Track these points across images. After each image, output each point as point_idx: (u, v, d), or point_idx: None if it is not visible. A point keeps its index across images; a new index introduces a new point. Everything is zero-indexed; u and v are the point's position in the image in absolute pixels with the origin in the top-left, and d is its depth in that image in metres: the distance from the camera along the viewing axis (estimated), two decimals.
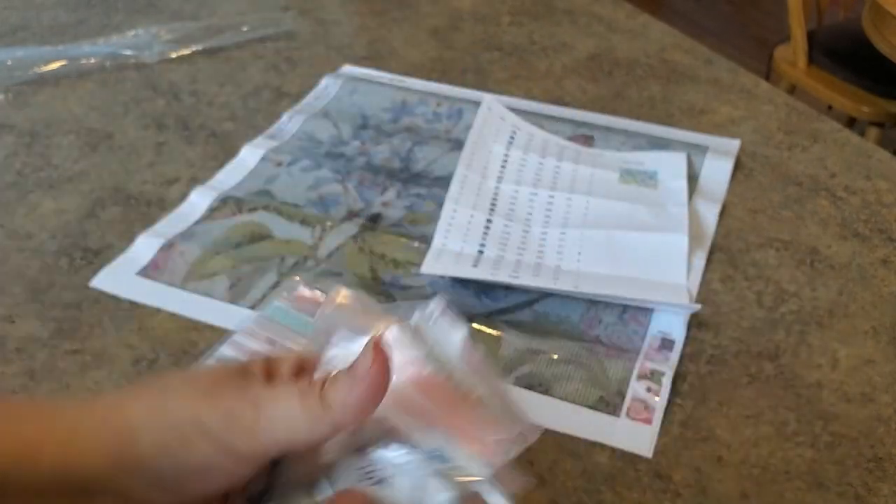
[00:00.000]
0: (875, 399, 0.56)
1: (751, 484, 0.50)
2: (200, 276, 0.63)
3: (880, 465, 0.51)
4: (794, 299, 0.63)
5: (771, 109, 0.83)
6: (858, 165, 0.76)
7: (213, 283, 0.62)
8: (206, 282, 0.62)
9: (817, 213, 0.71)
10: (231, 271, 0.63)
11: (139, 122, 0.80)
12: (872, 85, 1.71)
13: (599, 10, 1.00)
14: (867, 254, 0.67)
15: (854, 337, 0.60)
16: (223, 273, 0.63)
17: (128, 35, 0.90)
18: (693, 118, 0.82)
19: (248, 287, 0.62)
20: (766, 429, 0.53)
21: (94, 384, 0.56)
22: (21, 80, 0.85)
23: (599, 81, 0.87)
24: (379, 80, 0.85)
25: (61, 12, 0.97)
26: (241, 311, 0.59)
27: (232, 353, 0.51)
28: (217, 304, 0.61)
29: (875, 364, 0.58)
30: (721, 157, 0.76)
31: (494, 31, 0.96)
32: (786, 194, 0.73)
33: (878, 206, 0.72)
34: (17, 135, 0.78)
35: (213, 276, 0.63)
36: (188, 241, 0.65)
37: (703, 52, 0.92)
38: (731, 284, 0.64)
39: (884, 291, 0.64)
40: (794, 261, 0.66)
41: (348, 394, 0.29)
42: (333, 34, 0.95)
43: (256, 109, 0.82)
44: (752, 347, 0.59)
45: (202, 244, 0.65)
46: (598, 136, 0.78)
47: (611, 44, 0.94)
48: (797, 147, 0.78)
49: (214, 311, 0.60)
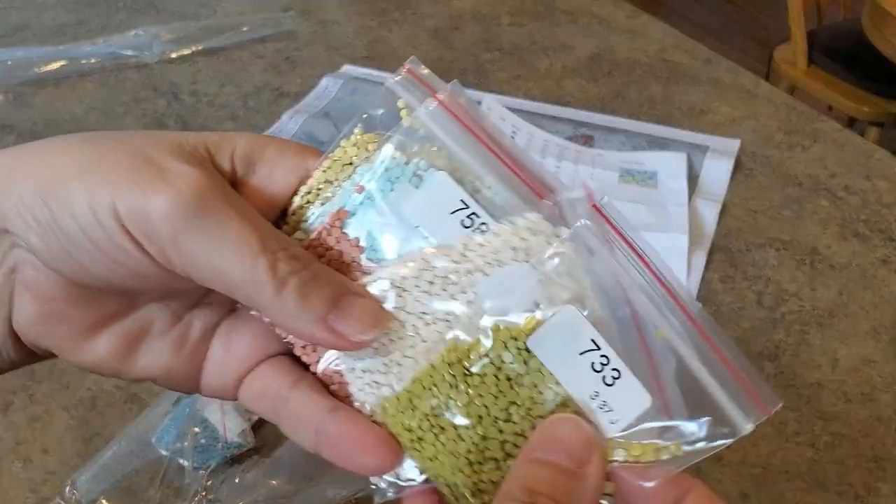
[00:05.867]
0: (875, 399, 0.56)
1: (751, 484, 0.50)
2: None
3: (880, 465, 0.51)
4: (794, 299, 0.63)
5: (771, 109, 0.83)
6: (858, 165, 0.76)
7: None
8: None
9: (817, 213, 0.71)
10: None
11: (139, 122, 0.80)
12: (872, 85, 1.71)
13: (599, 10, 1.00)
14: (867, 254, 0.67)
15: (854, 337, 0.60)
16: None
17: (128, 35, 0.90)
18: (693, 118, 0.82)
19: None
20: (766, 429, 0.53)
21: (94, 384, 0.56)
22: (21, 80, 0.85)
23: (599, 81, 0.87)
24: (379, 80, 0.85)
25: (61, 12, 0.97)
26: None
27: None
28: None
29: (875, 364, 0.58)
30: (721, 157, 0.76)
31: (494, 31, 0.96)
32: (786, 194, 0.73)
33: (879, 206, 0.72)
34: (17, 135, 0.78)
35: None
36: None
37: (703, 52, 0.92)
38: (731, 284, 0.64)
39: (884, 291, 0.64)
40: (794, 261, 0.66)
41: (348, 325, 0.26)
42: (333, 34, 0.95)
43: (256, 109, 0.82)
44: (752, 347, 0.59)
45: None
46: (598, 136, 0.78)
47: (611, 44, 0.94)
48: (797, 147, 0.78)
49: None
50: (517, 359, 0.26)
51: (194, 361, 0.30)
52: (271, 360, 0.30)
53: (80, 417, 0.54)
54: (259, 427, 0.52)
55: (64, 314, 0.28)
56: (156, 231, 0.25)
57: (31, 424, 0.54)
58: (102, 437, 0.53)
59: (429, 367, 0.27)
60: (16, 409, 0.55)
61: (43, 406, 0.55)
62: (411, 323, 0.27)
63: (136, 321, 0.29)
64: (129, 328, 0.29)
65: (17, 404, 0.55)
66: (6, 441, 0.53)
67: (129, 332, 0.29)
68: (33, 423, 0.54)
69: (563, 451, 0.25)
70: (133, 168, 0.26)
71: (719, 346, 0.26)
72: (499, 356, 0.26)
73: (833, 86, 1.74)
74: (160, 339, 0.29)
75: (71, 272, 0.27)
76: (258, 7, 0.99)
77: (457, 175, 0.28)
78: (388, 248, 0.28)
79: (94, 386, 0.56)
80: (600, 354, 0.26)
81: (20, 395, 0.55)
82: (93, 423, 0.54)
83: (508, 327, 0.26)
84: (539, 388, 0.26)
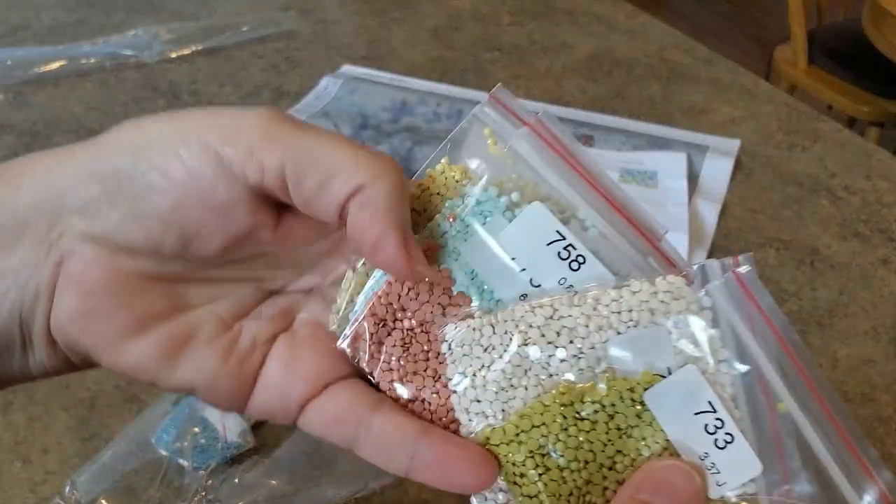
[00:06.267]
0: (875, 399, 0.56)
1: None
2: None
3: None
4: (794, 299, 0.63)
5: (771, 109, 0.83)
6: (858, 165, 0.76)
7: None
8: None
9: (817, 213, 0.71)
10: None
11: None
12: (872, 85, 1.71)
13: (599, 10, 1.00)
14: (867, 254, 0.67)
15: (854, 337, 0.60)
16: None
17: (128, 35, 0.90)
18: (693, 118, 0.82)
19: None
20: None
21: (94, 384, 0.56)
22: (21, 80, 0.85)
23: (599, 81, 0.87)
24: (379, 80, 0.85)
25: (61, 12, 0.97)
26: None
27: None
28: None
29: (875, 364, 0.58)
30: (721, 156, 0.76)
31: (494, 31, 0.96)
32: (786, 194, 0.73)
33: (879, 206, 0.72)
34: (17, 135, 0.78)
35: None
36: None
37: (703, 52, 0.92)
38: None
39: (884, 291, 0.64)
40: (794, 261, 0.66)
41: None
42: (333, 34, 0.95)
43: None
44: None
45: None
46: (598, 136, 0.78)
47: (611, 44, 0.94)
48: (797, 147, 0.78)
49: None
50: (630, 410, 0.26)
51: (242, 374, 0.28)
52: (343, 382, 0.29)
53: (79, 417, 0.54)
54: (259, 427, 0.52)
55: (107, 311, 0.27)
56: (245, 133, 0.26)
57: (31, 424, 0.54)
58: (102, 437, 0.53)
59: (539, 405, 0.27)
60: (15, 408, 0.55)
61: (42, 406, 0.55)
62: (527, 368, 0.27)
63: (183, 324, 0.28)
64: (175, 331, 0.28)
65: (16, 404, 0.55)
66: (6, 441, 0.53)
67: (173, 335, 0.28)
68: (33, 422, 0.54)
69: (672, 498, 0.25)
70: (211, 115, 0.27)
71: (843, 428, 0.26)
72: (613, 405, 0.26)
73: (833, 86, 1.74)
74: (206, 345, 0.28)
75: (146, 235, 0.26)
76: (258, 7, 0.99)
77: (551, 206, 0.27)
78: (485, 281, 0.28)
79: (94, 386, 0.56)
80: (715, 417, 0.26)
81: (20, 395, 0.55)
82: (92, 423, 0.54)
83: (626, 377, 0.26)
84: (647, 441, 0.26)
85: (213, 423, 0.51)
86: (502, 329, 0.27)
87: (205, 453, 0.50)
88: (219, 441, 0.51)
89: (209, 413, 0.51)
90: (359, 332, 0.29)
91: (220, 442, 0.50)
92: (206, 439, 0.51)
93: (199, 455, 0.50)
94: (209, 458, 0.50)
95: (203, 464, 0.50)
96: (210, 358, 0.28)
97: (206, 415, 0.51)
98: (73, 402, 0.55)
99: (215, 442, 0.51)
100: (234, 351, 0.28)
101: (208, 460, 0.50)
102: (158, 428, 0.52)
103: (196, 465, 0.50)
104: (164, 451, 0.51)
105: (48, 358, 0.28)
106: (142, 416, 0.53)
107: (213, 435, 0.51)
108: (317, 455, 0.50)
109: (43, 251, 0.26)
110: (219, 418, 0.51)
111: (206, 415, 0.51)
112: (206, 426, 0.51)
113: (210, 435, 0.51)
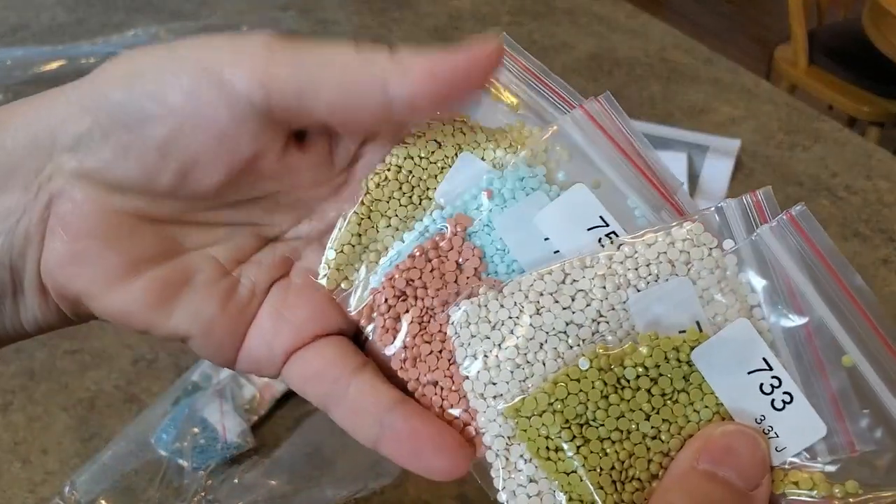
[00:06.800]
0: None
1: None
2: None
3: None
4: None
5: (771, 109, 0.83)
6: (859, 165, 0.76)
7: None
8: None
9: (818, 213, 0.71)
10: None
11: None
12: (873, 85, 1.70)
13: (599, 10, 1.00)
14: (868, 254, 0.67)
15: None
16: None
17: (127, 35, 0.90)
18: (693, 118, 0.82)
19: None
20: None
21: (93, 384, 0.56)
22: (21, 80, 0.85)
23: (599, 81, 0.87)
24: None
25: (60, 12, 0.97)
26: None
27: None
28: None
29: None
30: (721, 156, 0.76)
31: (494, 30, 0.96)
32: (786, 194, 0.73)
33: (879, 205, 0.72)
34: None
35: None
36: None
37: (703, 52, 0.92)
38: None
39: (884, 291, 0.64)
40: None
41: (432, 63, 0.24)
42: (333, 33, 0.94)
43: None
44: None
45: None
46: None
47: (611, 43, 0.94)
48: (798, 147, 0.78)
49: None
50: (676, 372, 0.24)
51: (240, 322, 0.27)
52: (330, 338, 0.27)
53: (79, 417, 0.54)
54: (258, 427, 0.52)
55: (98, 253, 0.25)
56: (248, 53, 0.24)
57: (31, 424, 0.54)
58: (101, 437, 0.53)
59: (574, 369, 0.24)
60: (15, 409, 0.55)
61: (42, 406, 0.55)
62: (542, 341, 0.25)
63: (178, 267, 0.26)
64: (169, 274, 0.26)
65: (16, 404, 0.55)
66: (5, 441, 0.53)
67: (168, 278, 0.26)
68: (32, 423, 0.54)
69: (737, 468, 0.23)
70: (207, 40, 0.25)
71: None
72: (657, 366, 0.24)
73: (833, 85, 1.74)
74: (203, 289, 0.26)
75: (141, 168, 0.25)
76: (258, 7, 0.99)
77: (598, 189, 0.26)
78: (514, 257, 0.27)
79: (94, 386, 0.56)
80: (772, 375, 0.24)
81: (19, 395, 0.55)
82: (92, 424, 0.54)
83: (670, 337, 0.24)
84: (696, 405, 0.24)
85: (213, 423, 0.51)
86: (510, 302, 0.25)
87: (204, 453, 0.50)
88: (218, 441, 0.50)
89: (209, 413, 0.51)
90: (377, 302, 0.27)
91: (220, 442, 0.50)
92: (206, 439, 0.51)
93: (198, 455, 0.50)
94: (209, 458, 0.50)
95: (203, 464, 0.50)
96: (208, 303, 0.26)
97: (206, 415, 0.51)
98: (72, 402, 0.55)
99: (215, 442, 0.50)
100: (234, 297, 0.27)
101: (208, 460, 0.50)
102: (158, 428, 0.51)
103: (196, 466, 0.50)
104: (163, 452, 0.51)
105: (40, 309, 0.27)
106: (141, 416, 0.53)
107: (213, 435, 0.51)
108: (317, 455, 0.50)
109: (32, 193, 0.25)
110: (218, 418, 0.51)
111: (205, 415, 0.51)
112: (205, 426, 0.51)
113: (210, 435, 0.51)
